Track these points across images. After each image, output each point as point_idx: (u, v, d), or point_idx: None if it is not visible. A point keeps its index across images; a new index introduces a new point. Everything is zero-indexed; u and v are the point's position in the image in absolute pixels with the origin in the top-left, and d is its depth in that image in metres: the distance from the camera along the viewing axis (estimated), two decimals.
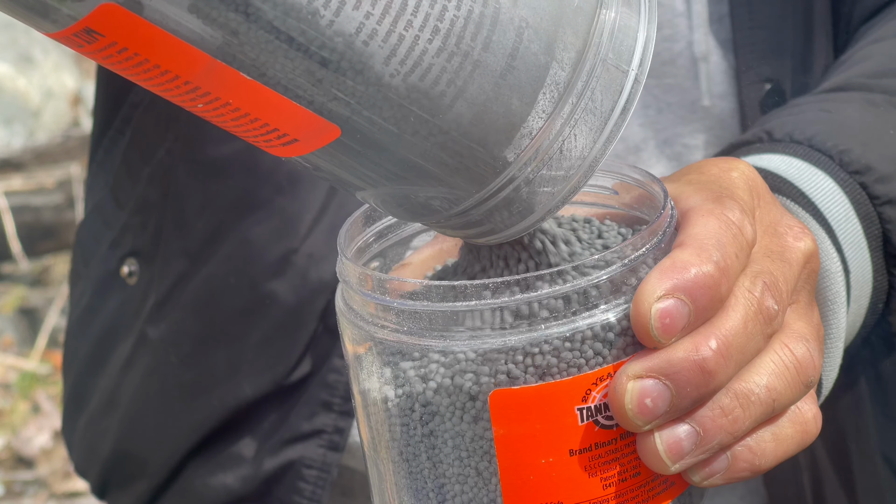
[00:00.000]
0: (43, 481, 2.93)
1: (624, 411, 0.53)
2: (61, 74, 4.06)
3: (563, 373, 0.53)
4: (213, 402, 0.95)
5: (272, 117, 0.51)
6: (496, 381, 0.53)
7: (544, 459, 0.54)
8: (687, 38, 0.93)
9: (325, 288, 0.93)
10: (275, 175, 0.93)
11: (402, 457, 0.56)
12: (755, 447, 0.56)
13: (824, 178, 0.73)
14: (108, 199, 1.03)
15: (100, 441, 1.02)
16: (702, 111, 0.94)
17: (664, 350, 0.54)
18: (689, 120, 0.94)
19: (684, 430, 0.54)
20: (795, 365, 0.57)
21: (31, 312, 3.45)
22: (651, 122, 0.95)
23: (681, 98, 0.94)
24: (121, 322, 1.00)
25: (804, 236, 0.61)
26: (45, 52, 4.07)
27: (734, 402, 0.55)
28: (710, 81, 0.93)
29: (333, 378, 0.93)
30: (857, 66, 0.85)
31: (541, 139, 0.53)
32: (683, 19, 0.93)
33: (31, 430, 3.05)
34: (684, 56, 0.93)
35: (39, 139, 3.92)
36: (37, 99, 4.01)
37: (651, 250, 0.55)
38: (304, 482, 0.93)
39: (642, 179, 0.61)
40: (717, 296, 0.54)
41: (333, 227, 0.93)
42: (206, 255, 0.95)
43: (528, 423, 0.54)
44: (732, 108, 0.94)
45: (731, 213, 0.57)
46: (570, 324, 0.53)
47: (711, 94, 0.93)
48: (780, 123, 0.77)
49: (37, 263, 3.64)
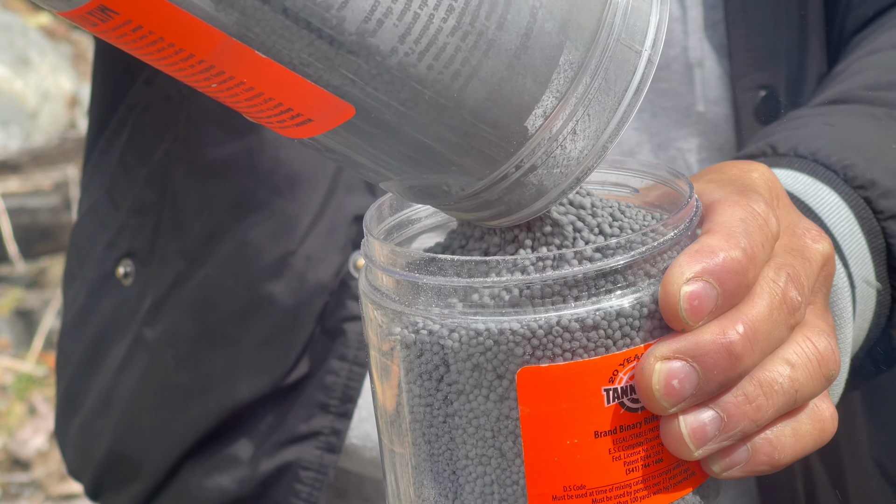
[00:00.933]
0: (39, 483, 2.93)
1: (651, 392, 0.53)
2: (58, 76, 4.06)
3: (590, 353, 0.53)
4: (209, 404, 0.95)
5: (286, 97, 0.51)
6: (524, 359, 0.53)
7: (569, 441, 0.54)
8: (682, 44, 0.93)
9: (323, 289, 0.93)
10: (273, 177, 0.93)
11: (424, 438, 0.56)
12: (775, 441, 0.56)
13: (829, 193, 0.74)
14: (104, 200, 1.02)
15: (94, 443, 1.01)
16: (696, 116, 0.94)
17: (692, 333, 0.54)
18: (684, 124, 0.95)
19: (709, 416, 0.54)
20: (818, 357, 0.57)
21: (27, 314, 3.44)
22: (646, 126, 0.95)
23: (675, 102, 0.95)
24: (116, 323, 1.00)
25: (822, 239, 0.61)
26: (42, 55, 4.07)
27: (758, 389, 0.55)
28: (705, 87, 0.94)
29: (331, 380, 0.93)
30: (854, 77, 0.85)
31: (555, 119, 0.53)
32: (679, 24, 0.93)
33: (28, 433, 3.05)
34: (679, 61, 0.94)
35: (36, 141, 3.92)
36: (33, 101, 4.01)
37: (680, 234, 0.55)
38: (300, 484, 0.93)
39: (665, 176, 0.61)
40: (744, 281, 0.55)
41: (331, 229, 0.93)
42: (203, 257, 0.95)
43: (555, 402, 0.53)
44: (727, 113, 0.94)
45: (756, 205, 0.58)
46: (600, 303, 0.53)
47: (706, 100, 0.94)
48: (783, 138, 0.78)
49: (33, 265, 3.63)
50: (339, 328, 0.93)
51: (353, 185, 0.93)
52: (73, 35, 4.36)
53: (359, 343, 0.93)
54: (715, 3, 0.93)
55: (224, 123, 0.94)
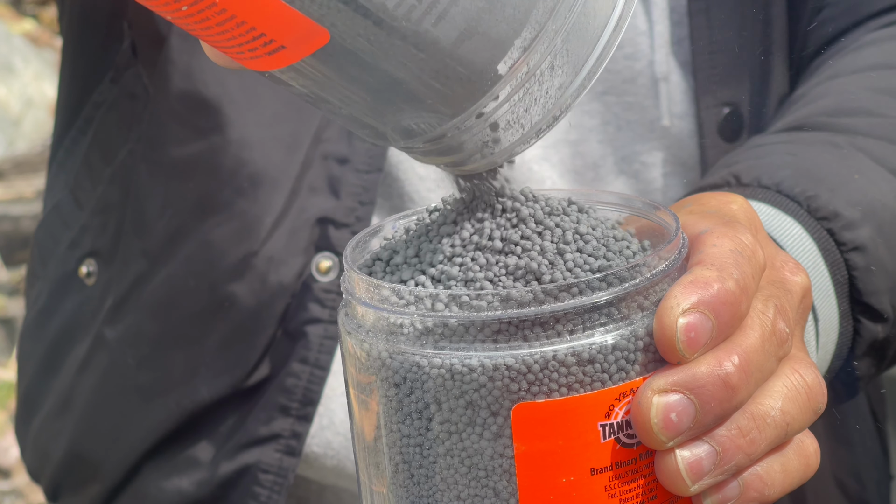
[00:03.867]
0: (20, 492, 2.92)
1: (649, 426, 0.53)
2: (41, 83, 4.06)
3: (586, 387, 0.52)
4: (169, 405, 0.94)
5: (260, 20, 0.50)
6: (519, 395, 0.52)
7: (565, 478, 0.52)
8: (648, 58, 0.94)
9: (285, 291, 0.92)
10: (236, 177, 0.93)
11: (413, 480, 0.54)
12: (765, 476, 0.56)
13: (793, 224, 0.74)
14: (67, 200, 1.02)
15: (53, 443, 1.01)
16: (661, 130, 0.95)
17: (687, 365, 0.53)
18: (648, 138, 0.95)
19: (704, 449, 0.54)
20: (807, 389, 0.57)
21: (9, 322, 3.44)
22: (610, 140, 0.95)
23: (640, 116, 0.95)
24: (78, 323, 1.00)
25: (800, 271, 0.61)
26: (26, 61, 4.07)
27: (751, 423, 0.55)
28: (670, 101, 0.94)
29: (291, 382, 0.92)
30: (815, 103, 0.86)
31: (532, 53, 0.52)
32: (645, 38, 0.93)
33: (9, 441, 3.04)
34: (645, 75, 0.94)
35: (19, 148, 3.92)
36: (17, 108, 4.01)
37: (671, 266, 0.54)
38: (260, 487, 0.93)
39: (643, 208, 0.60)
40: (737, 313, 0.54)
41: (294, 230, 0.93)
42: (165, 257, 0.95)
43: (551, 439, 0.52)
44: (691, 128, 0.94)
45: (743, 236, 0.57)
46: (595, 336, 0.52)
47: (671, 114, 0.94)
48: (746, 167, 0.78)
49: (15, 273, 3.63)
50: (301, 330, 0.92)
51: (316, 186, 0.93)
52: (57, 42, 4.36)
53: (320, 346, 0.92)
54: (680, 19, 0.94)
55: (188, 123, 0.94)
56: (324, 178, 0.93)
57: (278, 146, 0.93)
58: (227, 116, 0.93)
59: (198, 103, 0.93)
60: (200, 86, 0.93)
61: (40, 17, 4.93)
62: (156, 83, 0.95)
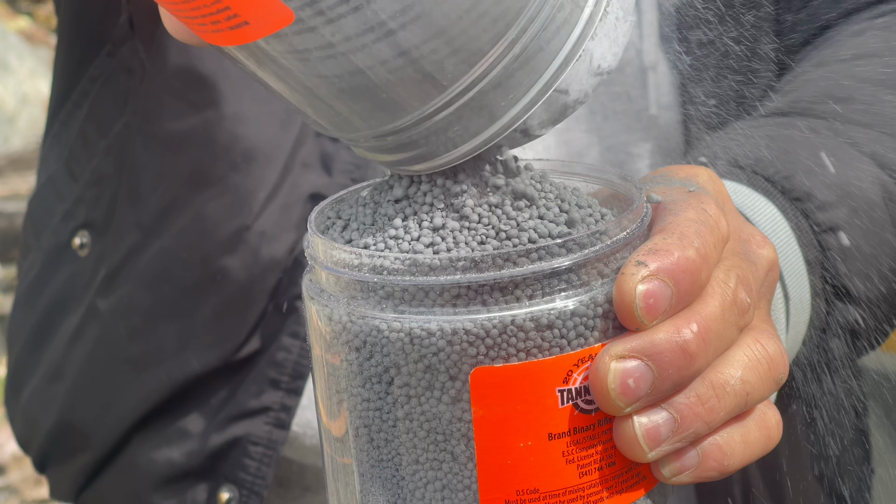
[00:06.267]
0: (14, 488, 2.92)
1: (606, 391, 0.53)
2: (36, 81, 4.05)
3: (545, 353, 0.52)
4: (160, 376, 0.95)
5: None
6: (477, 359, 0.52)
7: (523, 443, 0.53)
8: (637, 47, 0.94)
9: (277, 266, 0.93)
10: (230, 152, 0.93)
11: (373, 444, 0.55)
12: (724, 446, 0.56)
13: (766, 205, 0.74)
14: (62, 172, 1.03)
15: (43, 413, 1.01)
16: (647, 120, 0.95)
17: (646, 332, 0.53)
18: (635, 128, 0.95)
19: (662, 416, 0.54)
20: (768, 360, 0.57)
21: (4, 319, 3.44)
22: (596, 129, 0.95)
23: (627, 106, 0.95)
24: (71, 294, 1.00)
25: (766, 244, 0.62)
26: (21, 59, 4.07)
27: (710, 391, 0.55)
28: (658, 91, 0.94)
29: (282, 356, 0.93)
30: (798, 91, 0.86)
31: (530, 17, 0.51)
32: (633, 28, 0.94)
33: (3, 437, 3.03)
34: (633, 65, 0.94)
35: (14, 145, 3.92)
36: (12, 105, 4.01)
37: (632, 235, 0.55)
38: (249, 459, 0.93)
39: (613, 179, 0.60)
40: (697, 281, 0.54)
41: (286, 205, 0.93)
42: (158, 229, 0.95)
43: (509, 403, 0.52)
44: (678, 119, 0.95)
45: (707, 206, 0.57)
46: (555, 302, 0.52)
47: (658, 104, 0.94)
48: (723, 148, 0.78)
49: (10, 270, 3.63)
50: (292, 305, 0.93)
51: (309, 162, 0.94)
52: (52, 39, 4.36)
53: None
54: (669, 12, 0.94)
55: (184, 97, 0.95)
56: (316, 154, 0.94)
57: (272, 122, 0.93)
58: (222, 92, 0.93)
59: (194, 78, 0.94)
60: (196, 61, 0.94)
61: (35, 15, 4.92)
62: (152, 57, 0.96)
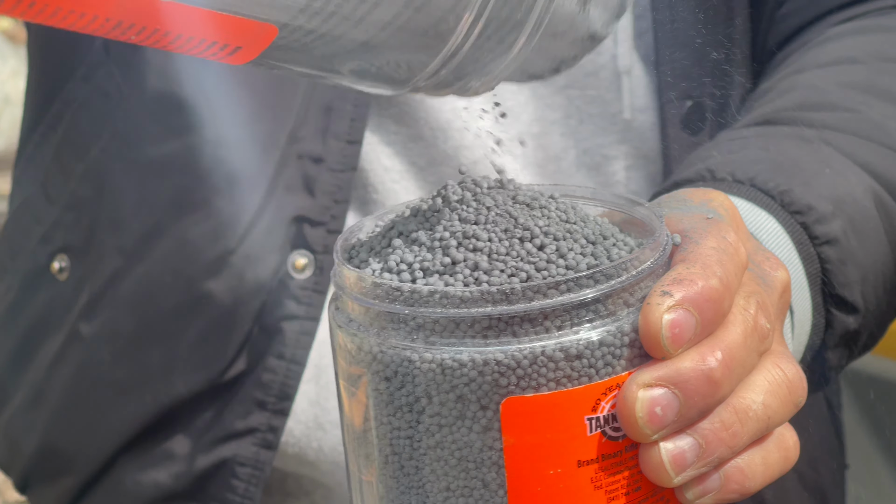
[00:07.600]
0: None
1: (634, 419, 0.54)
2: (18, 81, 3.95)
3: (574, 382, 0.54)
4: (146, 400, 0.95)
5: (206, 32, 0.50)
6: (508, 389, 0.53)
7: (553, 470, 0.54)
8: (611, 52, 0.95)
9: (262, 289, 0.94)
10: (212, 176, 0.94)
11: (403, 471, 0.56)
12: (746, 469, 0.57)
13: (767, 218, 0.75)
14: (38, 195, 1.02)
15: (24, 436, 1.01)
16: (622, 123, 0.97)
17: (672, 360, 0.55)
18: (610, 131, 0.97)
19: (688, 442, 0.55)
20: (787, 384, 0.59)
21: None
22: (572, 132, 0.97)
23: (602, 110, 0.97)
24: (50, 317, 1.00)
25: (780, 267, 0.63)
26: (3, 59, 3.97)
27: (733, 416, 0.56)
28: (633, 95, 0.96)
29: (268, 377, 0.94)
30: (782, 97, 0.87)
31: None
32: None
33: None
34: (608, 69, 0.96)
35: None
36: None
37: (656, 264, 0.56)
38: (237, 480, 0.94)
39: (623, 203, 0.61)
40: (720, 310, 0.56)
41: (270, 228, 0.94)
42: (141, 253, 0.95)
43: (539, 432, 0.54)
44: (653, 121, 0.96)
45: (726, 234, 0.59)
46: (582, 332, 0.54)
47: (633, 108, 0.96)
48: (721, 162, 0.79)
49: None
50: (277, 326, 0.94)
51: (292, 185, 0.94)
52: None
53: (296, 342, 0.94)
54: (642, 12, 0.95)
55: (164, 121, 0.95)
56: (299, 177, 0.94)
57: (254, 146, 0.94)
58: (202, 116, 0.94)
59: (173, 103, 0.94)
60: (175, 85, 0.94)
61: None
62: (130, 82, 0.96)
